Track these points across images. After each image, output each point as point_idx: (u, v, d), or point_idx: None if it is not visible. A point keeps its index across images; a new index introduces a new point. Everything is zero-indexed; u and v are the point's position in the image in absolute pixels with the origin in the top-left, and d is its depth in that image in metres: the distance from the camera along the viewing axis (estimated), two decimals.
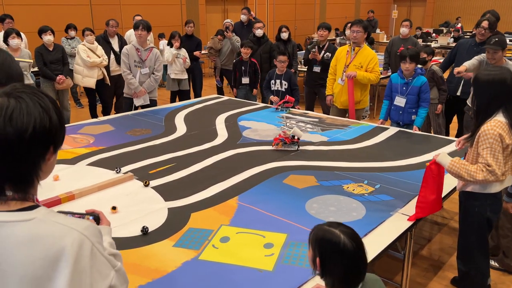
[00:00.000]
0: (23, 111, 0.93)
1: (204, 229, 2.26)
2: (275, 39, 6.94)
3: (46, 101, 0.98)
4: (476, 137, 2.34)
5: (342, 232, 1.45)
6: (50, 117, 0.97)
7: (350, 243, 1.43)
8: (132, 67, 4.72)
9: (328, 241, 1.45)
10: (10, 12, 7.21)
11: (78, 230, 0.95)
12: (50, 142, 0.98)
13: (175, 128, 4.07)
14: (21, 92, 0.96)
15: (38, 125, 0.94)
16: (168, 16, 10.74)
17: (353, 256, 1.43)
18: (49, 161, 1.00)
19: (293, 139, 3.49)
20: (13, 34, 5.27)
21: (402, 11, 18.03)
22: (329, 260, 1.45)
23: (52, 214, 0.98)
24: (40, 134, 0.94)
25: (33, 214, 0.95)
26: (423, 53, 4.73)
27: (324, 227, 1.50)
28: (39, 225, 0.94)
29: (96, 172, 2.99)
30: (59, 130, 1.00)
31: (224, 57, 7.57)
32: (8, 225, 0.93)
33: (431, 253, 3.27)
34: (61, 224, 0.95)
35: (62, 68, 5.94)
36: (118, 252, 1.20)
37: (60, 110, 1.02)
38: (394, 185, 2.79)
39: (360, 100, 4.64)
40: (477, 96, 2.40)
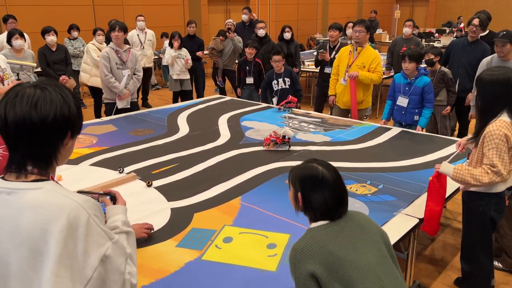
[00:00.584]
0: (46, 99, 1.08)
1: (207, 229, 2.26)
2: (277, 39, 6.94)
3: (67, 93, 1.14)
4: (481, 137, 2.32)
5: (319, 164, 1.55)
6: (69, 106, 1.12)
7: (328, 172, 1.52)
8: (114, 69, 4.59)
9: (308, 175, 1.53)
10: (13, 12, 7.24)
11: (78, 202, 1.07)
12: (68, 128, 1.12)
13: (178, 128, 4.08)
14: (46, 84, 1.12)
15: (59, 112, 1.09)
16: (170, 16, 10.75)
17: (333, 184, 1.52)
18: (67, 146, 1.15)
19: (283, 139, 3.48)
20: (16, 34, 5.28)
21: (405, 11, 18.00)
22: (310, 193, 1.52)
23: (59, 187, 1.11)
24: (60, 119, 1.09)
25: (42, 185, 1.08)
26: (430, 54, 4.67)
27: (301, 165, 1.60)
28: (45, 194, 1.07)
29: (99, 172, 3.00)
30: (77, 118, 1.15)
31: (226, 58, 7.58)
32: (20, 192, 1.07)
33: (434, 253, 3.26)
34: (63, 195, 1.08)
35: (65, 68, 5.96)
36: (131, 230, 1.28)
37: (78, 102, 1.18)
38: (397, 185, 2.79)
39: (362, 100, 4.63)
40: (481, 96, 2.38)
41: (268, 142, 3.49)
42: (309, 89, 8.82)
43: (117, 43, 4.59)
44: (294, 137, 3.78)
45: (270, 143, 3.48)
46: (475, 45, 4.82)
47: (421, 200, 2.57)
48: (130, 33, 7.72)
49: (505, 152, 2.24)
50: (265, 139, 3.53)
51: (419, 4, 18.75)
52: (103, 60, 4.55)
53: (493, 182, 2.26)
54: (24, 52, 5.47)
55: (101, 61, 4.56)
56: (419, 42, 6.49)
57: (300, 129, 4.03)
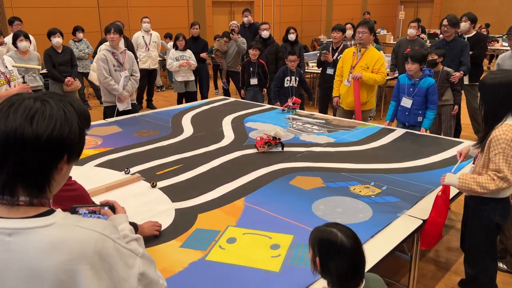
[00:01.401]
0: (45, 114, 0.95)
1: (211, 230, 2.28)
2: (282, 41, 6.95)
3: (71, 110, 1.00)
4: (487, 142, 2.29)
5: (339, 230, 1.50)
6: (71, 126, 0.98)
7: (347, 240, 1.47)
8: (112, 72, 4.55)
9: (326, 240, 1.50)
10: (19, 14, 7.29)
11: (98, 231, 0.97)
12: (65, 150, 0.98)
13: (182, 130, 4.09)
14: (49, 97, 0.99)
15: (57, 130, 0.95)
16: (175, 18, 10.79)
17: (351, 254, 1.47)
18: (62, 171, 1.01)
19: (276, 140, 3.47)
20: (21, 36, 5.33)
21: (409, 12, 17.97)
22: (328, 259, 1.49)
23: (70, 218, 0.99)
24: (56, 139, 0.95)
25: (52, 219, 0.96)
26: (434, 55, 4.67)
27: (322, 227, 1.55)
28: (60, 230, 0.94)
29: (104, 173, 3.02)
30: (77, 140, 1.01)
31: (230, 59, 7.60)
32: (28, 232, 0.93)
33: (438, 255, 3.26)
34: (81, 227, 0.96)
35: (71, 70, 5.99)
36: (139, 236, 1.22)
37: (84, 122, 1.03)
38: (401, 186, 2.79)
39: (366, 101, 4.63)
40: (484, 100, 2.33)
41: (261, 144, 3.45)
42: (313, 90, 8.82)
43: (113, 45, 4.55)
44: (297, 138, 3.79)
45: (264, 146, 3.45)
46: (454, 43, 5.07)
47: (425, 202, 2.57)
48: (136, 35, 7.76)
49: (511, 156, 2.23)
50: (257, 142, 3.48)
51: (424, 5, 18.72)
52: (101, 63, 4.50)
53: (500, 189, 2.24)
54: (30, 54, 5.52)
55: (99, 63, 4.51)
56: (424, 43, 6.48)
57: (304, 130, 4.04)
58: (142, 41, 7.68)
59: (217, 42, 7.81)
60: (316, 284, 1.83)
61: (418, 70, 3.90)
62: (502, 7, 16.69)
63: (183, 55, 6.57)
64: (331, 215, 2.41)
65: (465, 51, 5.02)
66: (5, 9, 8.12)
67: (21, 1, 8.26)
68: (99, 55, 4.61)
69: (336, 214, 2.42)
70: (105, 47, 4.63)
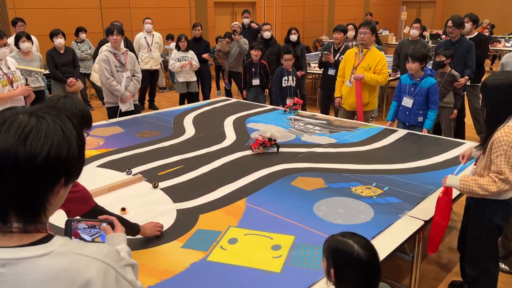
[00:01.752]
0: (41, 133, 0.86)
1: (212, 230, 2.28)
2: (284, 41, 6.96)
3: (70, 127, 0.91)
4: (490, 144, 2.28)
5: (356, 242, 1.45)
6: (69, 145, 0.90)
7: (364, 253, 1.43)
8: (114, 72, 4.54)
9: (342, 251, 1.45)
10: (22, 15, 7.32)
11: (100, 259, 0.90)
12: (62, 172, 0.90)
13: (184, 130, 4.10)
14: (45, 113, 0.90)
15: (54, 150, 0.87)
16: (177, 18, 10.81)
17: (367, 267, 1.43)
18: (58, 194, 0.92)
19: (272, 142, 3.46)
20: (23, 37, 5.34)
21: (411, 13, 17.94)
22: (343, 271, 1.45)
23: (69, 244, 0.92)
24: (53, 160, 0.87)
25: (50, 247, 0.88)
26: (442, 56, 4.69)
27: (338, 237, 1.50)
28: (59, 259, 0.87)
29: (105, 174, 3.02)
30: (76, 161, 0.92)
31: (232, 60, 7.61)
32: (23, 262, 0.85)
33: (440, 255, 3.25)
34: (82, 255, 0.89)
35: (73, 70, 6.01)
36: (135, 262, 1.19)
37: (82, 139, 0.95)
38: (403, 187, 2.78)
39: (368, 102, 4.63)
40: (486, 102, 2.32)
41: (257, 146, 3.44)
42: (315, 91, 8.82)
43: (115, 46, 4.55)
44: (299, 139, 3.79)
45: (260, 147, 3.44)
46: (459, 43, 5.06)
47: (427, 203, 2.57)
48: (138, 36, 7.78)
49: None
50: (252, 144, 3.48)
51: (426, 6, 18.70)
52: (103, 64, 4.50)
53: (502, 191, 2.23)
54: (32, 54, 5.53)
55: (101, 64, 4.51)
56: (426, 44, 6.48)
57: (306, 131, 4.04)
58: (144, 42, 7.70)
59: (219, 42, 7.82)
60: (317, 285, 1.83)
61: (419, 69, 3.90)
62: (504, 8, 16.66)
63: (185, 56, 6.58)
64: (333, 216, 2.41)
65: (470, 52, 5.02)
66: (7, 10, 8.15)
67: (23, 2, 8.29)
68: (100, 56, 4.61)
69: (337, 215, 2.42)
70: (106, 48, 4.64)
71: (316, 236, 2.20)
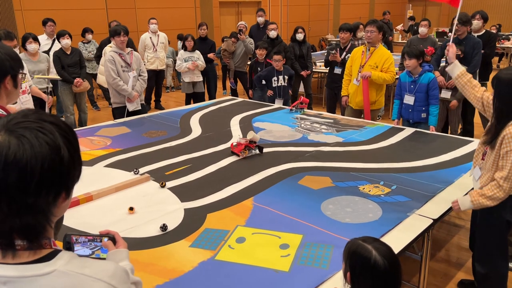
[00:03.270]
0: (26, 154, 0.78)
1: (220, 229, 2.28)
2: (290, 40, 6.94)
3: (55, 136, 0.82)
4: (500, 139, 2.26)
5: (375, 248, 1.41)
6: (62, 158, 0.82)
7: (382, 260, 1.38)
8: (120, 72, 4.55)
9: (359, 256, 1.42)
10: (29, 17, 7.37)
11: (105, 281, 0.85)
12: (62, 187, 0.85)
13: (191, 130, 4.10)
14: (24, 129, 0.80)
15: (47, 169, 0.79)
16: (182, 19, 10.82)
17: (384, 275, 1.38)
18: (62, 205, 0.88)
19: (254, 144, 3.37)
20: (30, 38, 5.37)
21: (418, 11, 17.84)
22: (358, 276, 1.42)
23: (73, 263, 0.86)
24: (49, 179, 0.80)
25: (53, 266, 0.83)
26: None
27: (359, 241, 1.47)
28: (61, 279, 0.82)
29: (113, 174, 3.03)
30: (73, 169, 0.86)
31: (238, 59, 7.61)
32: (25, 281, 0.80)
33: (448, 254, 3.23)
34: (85, 275, 0.84)
35: (80, 71, 6.04)
36: (139, 280, 1.13)
37: (72, 143, 0.87)
38: (411, 186, 2.77)
39: (375, 101, 4.61)
40: (498, 97, 2.27)
41: (241, 149, 3.30)
42: (321, 90, 8.80)
43: (122, 46, 4.57)
44: (305, 138, 3.78)
45: (245, 151, 3.32)
46: (466, 41, 5.02)
47: (435, 201, 2.55)
48: (143, 36, 7.80)
49: None
50: (236, 149, 3.33)
51: (432, 4, 18.57)
52: (109, 64, 4.52)
53: (507, 192, 2.24)
54: (39, 55, 5.56)
55: (107, 65, 4.53)
56: (435, 42, 6.42)
57: (312, 130, 4.03)
58: (149, 42, 7.71)
59: (225, 42, 7.82)
60: (325, 284, 1.82)
61: (416, 66, 3.89)
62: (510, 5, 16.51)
63: (191, 56, 6.59)
64: (341, 214, 2.40)
65: (476, 49, 4.98)
66: (14, 12, 8.20)
67: (30, 4, 8.34)
68: (106, 57, 4.63)
69: (345, 213, 2.41)
70: (111, 49, 4.66)
71: (324, 235, 2.19)
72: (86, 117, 6.32)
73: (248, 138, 3.37)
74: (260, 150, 3.42)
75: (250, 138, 3.36)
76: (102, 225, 2.28)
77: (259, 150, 3.42)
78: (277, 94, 5.36)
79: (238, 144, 3.35)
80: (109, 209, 2.53)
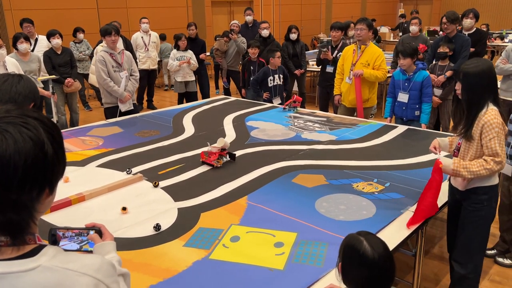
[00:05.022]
0: (9, 150, 0.77)
1: (214, 228, 2.27)
2: (284, 39, 6.95)
3: (39, 132, 0.81)
4: (479, 129, 2.25)
5: (366, 239, 1.43)
6: (45, 153, 0.81)
7: (371, 250, 1.38)
8: (111, 72, 4.51)
9: (350, 245, 1.44)
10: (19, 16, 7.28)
11: (90, 275, 0.84)
12: (45, 183, 0.83)
13: (183, 129, 4.09)
14: (7, 124, 0.79)
15: (30, 165, 0.78)
16: (174, 18, 10.78)
17: (371, 264, 1.38)
18: (46, 201, 0.87)
19: (224, 151, 3.17)
20: (21, 38, 5.32)
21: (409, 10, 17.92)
22: (348, 265, 1.43)
23: (58, 258, 0.85)
24: (32, 176, 0.79)
25: (37, 261, 0.82)
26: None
27: (353, 234, 1.49)
28: (45, 274, 0.81)
29: (105, 174, 3.01)
30: (57, 165, 0.85)
31: (230, 59, 7.59)
32: (9, 277, 0.79)
33: (442, 251, 3.24)
34: (70, 270, 0.83)
35: (71, 71, 5.99)
36: (126, 271, 1.13)
37: (56, 139, 0.86)
38: (404, 183, 2.78)
39: (368, 98, 4.62)
40: (467, 89, 2.29)
41: (215, 159, 3.09)
42: (314, 89, 8.81)
43: (113, 46, 4.53)
44: (299, 136, 3.78)
45: (219, 160, 3.10)
46: (456, 39, 5.05)
47: None
48: (134, 35, 7.76)
49: (503, 139, 2.24)
50: (209, 160, 3.11)
51: (423, 2, 18.68)
52: (99, 65, 4.47)
53: (493, 172, 2.24)
54: (30, 55, 5.51)
55: (98, 65, 4.48)
56: (427, 40, 6.46)
57: (306, 128, 4.03)
58: (141, 42, 7.67)
59: (217, 41, 7.80)
60: (320, 281, 1.82)
61: (411, 65, 3.91)
62: (502, 3, 16.66)
63: (184, 56, 6.56)
64: (335, 212, 2.40)
65: (465, 46, 5.00)
66: (4, 12, 8.12)
67: (20, 4, 8.26)
68: (97, 57, 4.58)
69: (339, 211, 2.41)
70: (102, 49, 4.60)
71: (318, 233, 2.19)
72: (77, 117, 6.28)
73: (219, 146, 3.13)
74: (231, 157, 3.18)
75: (221, 146, 3.13)
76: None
77: (231, 157, 3.18)
78: (273, 93, 5.35)
79: (210, 153, 3.13)
80: (102, 209, 2.50)
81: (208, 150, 3.15)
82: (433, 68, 4.94)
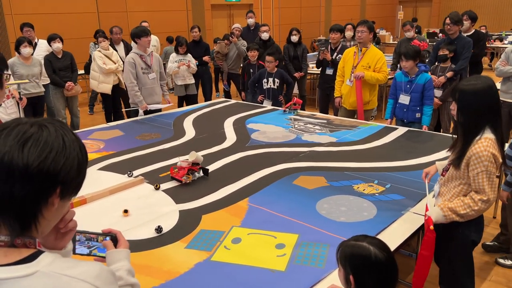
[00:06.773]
0: (41, 139, 0.84)
1: (215, 230, 2.27)
2: (285, 41, 6.97)
3: (72, 138, 0.89)
4: (465, 160, 2.06)
5: (370, 244, 1.42)
6: (68, 156, 0.87)
7: (381, 253, 1.40)
8: (140, 74, 4.61)
9: (358, 255, 1.41)
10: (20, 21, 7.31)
11: (89, 282, 0.83)
12: (58, 183, 0.85)
13: (184, 132, 4.10)
14: (49, 123, 0.88)
15: (52, 158, 0.84)
16: (174, 22, 10.82)
17: (386, 267, 1.40)
18: (53, 207, 0.87)
19: (197, 166, 2.96)
20: (25, 42, 5.34)
21: (408, 12, 17.98)
22: (363, 275, 1.41)
23: (56, 264, 0.84)
24: (49, 170, 0.83)
25: (34, 267, 0.82)
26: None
27: (351, 242, 1.46)
28: (42, 281, 0.80)
29: (107, 177, 3.02)
30: (75, 175, 0.89)
31: (231, 61, 7.62)
32: (7, 283, 0.79)
33: None
34: (68, 276, 0.82)
35: (71, 75, 6.01)
36: (135, 282, 1.11)
37: (85, 155, 0.92)
38: (405, 184, 2.78)
39: (369, 101, 4.64)
40: (463, 110, 2.08)
41: (183, 174, 2.86)
42: (314, 91, 8.83)
43: (148, 46, 4.62)
44: (299, 139, 3.79)
45: (189, 176, 2.87)
46: (458, 40, 5.04)
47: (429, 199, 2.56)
48: None
49: (494, 174, 2.03)
50: (177, 175, 2.88)
51: (422, 5, 18.74)
52: (128, 67, 4.53)
53: (481, 211, 2.07)
54: (32, 59, 5.53)
55: (127, 67, 4.55)
56: (424, 39, 6.49)
57: (306, 131, 4.04)
58: None
59: (218, 44, 7.83)
60: (322, 282, 1.83)
61: (413, 67, 3.91)
62: (501, 5, 16.70)
63: (183, 59, 6.58)
64: (336, 213, 2.41)
65: (466, 48, 5.01)
66: (5, 16, 8.15)
67: (21, 8, 8.29)
68: (126, 59, 4.64)
69: (340, 212, 2.42)
70: (133, 51, 4.68)
71: (319, 234, 2.20)
72: (78, 121, 6.29)
73: (190, 160, 2.90)
74: (205, 172, 2.97)
75: (192, 160, 2.90)
76: (96, 229, 2.26)
77: (204, 173, 2.97)
78: (266, 95, 5.34)
79: (180, 168, 2.90)
80: (104, 212, 2.51)
81: (178, 165, 2.93)
82: (434, 69, 4.95)
